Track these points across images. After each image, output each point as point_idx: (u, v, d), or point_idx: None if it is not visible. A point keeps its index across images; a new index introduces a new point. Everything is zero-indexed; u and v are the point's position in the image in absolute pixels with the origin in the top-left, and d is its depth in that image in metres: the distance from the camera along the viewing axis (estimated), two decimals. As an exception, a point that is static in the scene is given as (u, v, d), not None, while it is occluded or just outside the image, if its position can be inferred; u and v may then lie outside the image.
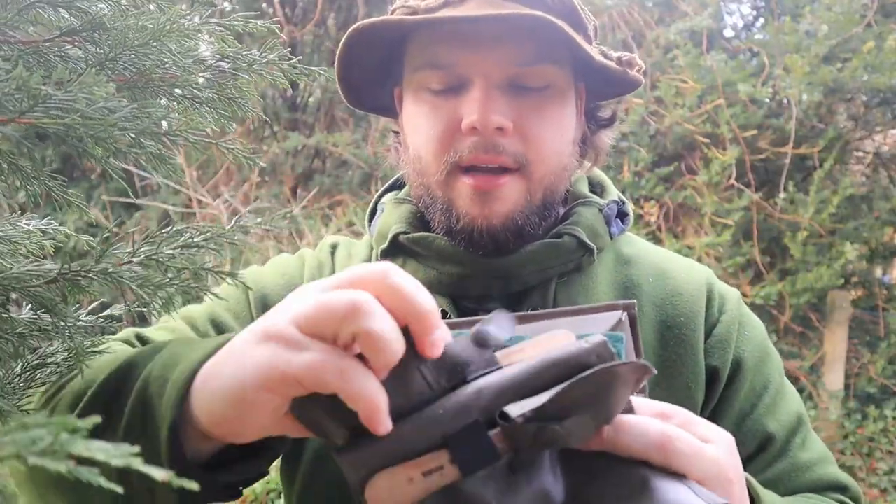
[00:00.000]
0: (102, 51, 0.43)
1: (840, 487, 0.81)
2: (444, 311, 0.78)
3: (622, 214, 0.87)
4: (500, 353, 0.47)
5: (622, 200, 0.87)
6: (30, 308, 0.50)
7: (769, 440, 0.79)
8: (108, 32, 0.43)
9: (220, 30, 0.48)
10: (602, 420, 0.45)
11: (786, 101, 3.80)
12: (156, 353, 0.56)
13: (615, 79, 0.79)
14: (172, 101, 0.48)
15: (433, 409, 0.43)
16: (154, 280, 0.49)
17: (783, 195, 3.63)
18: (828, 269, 3.45)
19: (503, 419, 0.43)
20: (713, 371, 0.79)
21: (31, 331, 0.50)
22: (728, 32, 4.44)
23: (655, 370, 0.45)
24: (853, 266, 3.77)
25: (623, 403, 0.47)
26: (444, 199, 0.76)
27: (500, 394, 0.43)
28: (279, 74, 0.50)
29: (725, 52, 3.89)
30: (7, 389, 0.52)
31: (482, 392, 0.43)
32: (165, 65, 0.44)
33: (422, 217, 0.82)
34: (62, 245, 0.62)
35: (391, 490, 0.43)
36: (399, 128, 0.84)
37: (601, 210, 0.83)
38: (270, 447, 0.54)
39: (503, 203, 0.74)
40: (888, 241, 3.89)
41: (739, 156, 3.53)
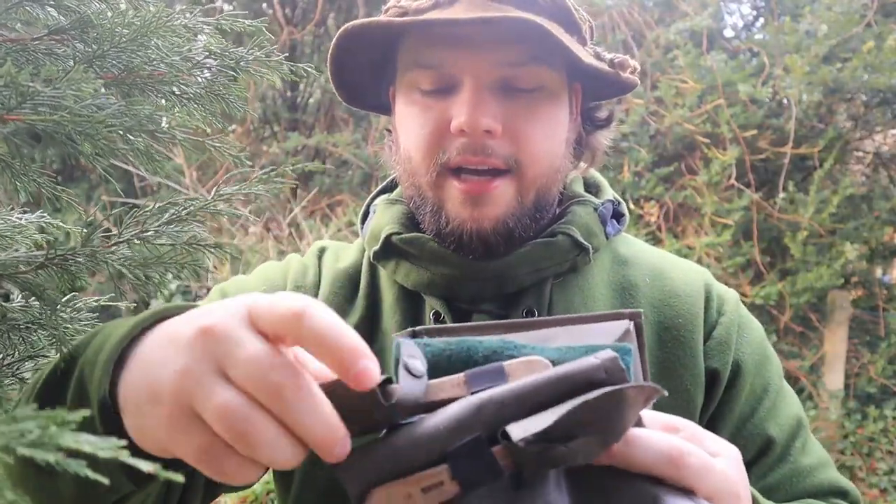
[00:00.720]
0: (90, 48, 0.43)
1: (841, 492, 0.80)
2: (438, 313, 0.77)
3: (618, 215, 0.86)
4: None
5: (618, 201, 0.86)
6: (21, 297, 0.50)
7: (770, 444, 0.78)
8: (96, 30, 0.43)
9: (209, 29, 0.48)
10: (610, 440, 0.43)
11: (786, 101, 3.79)
12: (97, 335, 0.53)
13: (609, 80, 0.78)
14: (160, 99, 0.48)
15: (430, 424, 0.42)
16: (139, 259, 0.48)
17: (783, 195, 3.62)
18: (828, 269, 3.45)
19: (505, 439, 0.41)
20: (713, 373, 0.78)
21: (24, 323, 0.50)
22: (728, 32, 4.44)
23: (666, 392, 0.43)
24: (853, 266, 3.76)
25: (632, 423, 0.44)
26: (435, 201, 0.76)
27: (503, 408, 0.41)
28: (266, 71, 0.50)
29: (725, 52, 3.88)
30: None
31: (484, 407, 0.42)
32: (153, 62, 0.44)
33: (414, 218, 0.81)
34: (58, 240, 0.62)
35: None
36: (392, 127, 0.84)
37: (596, 209, 0.82)
38: None
39: (494, 206, 0.73)
40: (888, 241, 3.89)
41: (739, 156, 3.52)
